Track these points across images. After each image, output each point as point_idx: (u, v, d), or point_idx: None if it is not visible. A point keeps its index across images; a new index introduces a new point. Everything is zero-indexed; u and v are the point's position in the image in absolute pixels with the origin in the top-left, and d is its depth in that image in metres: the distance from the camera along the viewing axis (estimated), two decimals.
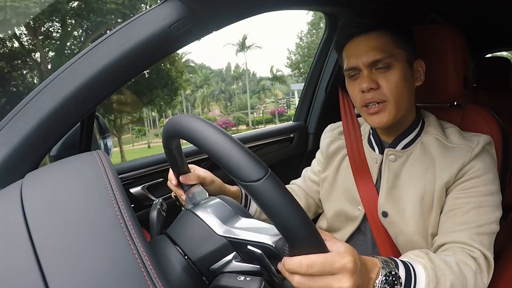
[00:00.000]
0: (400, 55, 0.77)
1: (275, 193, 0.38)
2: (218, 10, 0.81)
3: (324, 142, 1.02)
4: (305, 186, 1.05)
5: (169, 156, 0.63)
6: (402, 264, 0.56)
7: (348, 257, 0.43)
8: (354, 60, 0.78)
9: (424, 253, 0.61)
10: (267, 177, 0.38)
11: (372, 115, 0.79)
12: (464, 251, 0.67)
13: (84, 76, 0.70)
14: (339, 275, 0.43)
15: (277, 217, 0.39)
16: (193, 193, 0.70)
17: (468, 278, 0.62)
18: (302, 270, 0.42)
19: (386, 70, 0.76)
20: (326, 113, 1.53)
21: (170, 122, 0.50)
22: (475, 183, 0.73)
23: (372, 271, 0.51)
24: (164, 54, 0.78)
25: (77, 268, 0.35)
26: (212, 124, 0.43)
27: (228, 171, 0.39)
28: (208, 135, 0.41)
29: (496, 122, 0.90)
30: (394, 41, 0.76)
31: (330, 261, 0.42)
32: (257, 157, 0.40)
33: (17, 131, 0.68)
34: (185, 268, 0.49)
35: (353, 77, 0.81)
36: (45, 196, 0.46)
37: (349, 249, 0.45)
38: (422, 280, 0.55)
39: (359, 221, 0.88)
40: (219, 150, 0.40)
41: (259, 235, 0.49)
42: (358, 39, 0.78)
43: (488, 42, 2.17)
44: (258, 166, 0.38)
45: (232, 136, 0.41)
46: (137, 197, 1.06)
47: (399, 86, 0.76)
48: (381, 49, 0.75)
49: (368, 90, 0.76)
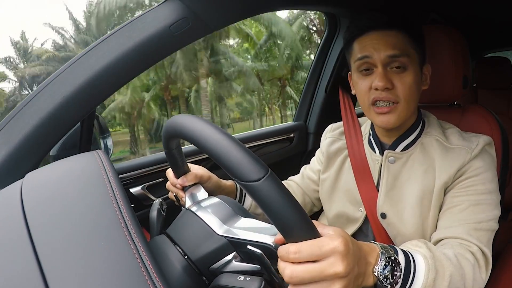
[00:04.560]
0: (415, 57, 0.76)
1: (275, 193, 0.38)
2: (218, 10, 0.81)
3: (324, 143, 1.02)
4: (303, 184, 1.04)
5: (169, 156, 0.63)
6: (402, 252, 0.54)
7: (338, 239, 0.41)
8: (369, 51, 0.75)
9: (423, 243, 0.61)
10: (267, 177, 0.38)
11: (380, 115, 0.77)
12: (462, 246, 0.67)
13: (84, 76, 0.70)
14: (331, 259, 0.40)
15: (276, 216, 0.38)
16: (193, 193, 0.70)
17: (466, 271, 0.61)
18: (290, 257, 0.40)
19: (401, 71, 0.74)
20: (326, 113, 1.53)
21: (170, 122, 0.50)
22: (473, 182, 0.73)
23: (369, 254, 0.48)
24: (164, 54, 0.78)
25: (77, 267, 0.35)
26: (212, 123, 0.43)
27: (228, 171, 0.39)
28: (208, 134, 0.41)
29: (496, 122, 0.90)
30: (410, 42, 0.75)
31: (318, 243, 0.40)
32: (257, 156, 0.40)
33: (17, 131, 0.68)
34: (185, 268, 0.49)
35: (365, 72, 0.77)
36: (45, 196, 0.46)
37: (339, 231, 0.43)
38: (421, 268, 0.54)
39: (360, 223, 0.88)
40: (219, 150, 0.40)
41: (259, 235, 0.49)
42: (375, 34, 0.75)
43: (488, 42, 2.17)
44: (258, 166, 0.38)
45: (232, 136, 0.41)
46: (137, 197, 1.06)
47: (411, 88, 0.75)
48: (399, 47, 0.73)
49: (384, 89, 0.74)
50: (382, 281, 0.48)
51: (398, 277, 0.50)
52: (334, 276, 0.40)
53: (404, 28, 0.75)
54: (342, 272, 0.40)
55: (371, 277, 0.48)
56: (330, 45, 1.46)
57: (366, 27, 0.76)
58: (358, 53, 0.77)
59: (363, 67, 0.77)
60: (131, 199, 1.05)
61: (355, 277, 0.44)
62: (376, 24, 0.75)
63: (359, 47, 0.77)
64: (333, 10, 1.32)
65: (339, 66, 1.45)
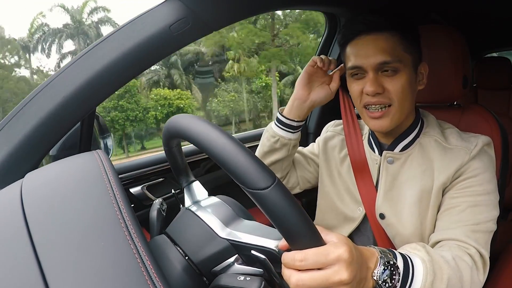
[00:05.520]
0: (408, 59, 0.75)
1: (282, 202, 0.38)
2: (218, 10, 0.81)
3: (324, 135, 1.02)
4: (295, 156, 1.03)
5: (168, 154, 0.62)
6: (400, 256, 0.55)
7: (343, 247, 0.42)
8: (360, 60, 0.75)
9: (421, 246, 0.61)
10: (274, 185, 0.38)
11: (373, 119, 0.77)
12: (459, 248, 0.67)
13: (84, 76, 0.70)
14: (336, 266, 0.42)
15: (283, 225, 0.39)
16: (193, 191, 0.69)
17: (464, 273, 0.62)
18: (296, 264, 0.41)
19: (393, 74, 0.74)
20: (326, 113, 1.53)
21: (173, 122, 0.49)
22: (471, 183, 0.73)
23: (369, 260, 0.50)
24: (164, 54, 0.78)
25: (77, 267, 0.35)
26: (217, 126, 0.42)
27: (235, 177, 0.39)
28: (213, 139, 0.41)
29: (496, 122, 0.90)
30: (403, 44, 0.74)
31: (323, 251, 0.41)
32: (264, 164, 0.40)
33: (17, 131, 0.68)
34: (185, 268, 0.49)
35: (356, 76, 0.78)
36: (45, 196, 0.46)
37: (343, 239, 0.44)
38: (419, 272, 0.55)
39: (358, 222, 0.88)
40: (225, 155, 0.39)
41: (262, 239, 0.49)
42: (366, 37, 0.74)
43: (488, 42, 2.17)
44: (266, 174, 0.38)
45: (238, 141, 0.41)
46: (137, 197, 1.06)
47: (404, 91, 0.74)
48: (389, 52, 0.73)
49: (374, 94, 0.74)
50: (381, 285, 0.49)
51: (396, 281, 0.51)
52: (339, 284, 0.42)
53: (397, 30, 0.74)
54: (347, 280, 0.42)
55: (371, 281, 0.49)
56: (330, 45, 1.46)
57: (357, 31, 0.76)
58: (350, 61, 0.78)
59: (355, 72, 0.78)
60: (131, 199, 1.05)
61: (357, 283, 0.45)
62: (368, 28, 0.74)
63: (351, 52, 0.77)
64: (333, 10, 1.32)
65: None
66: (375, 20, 0.74)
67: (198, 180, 0.71)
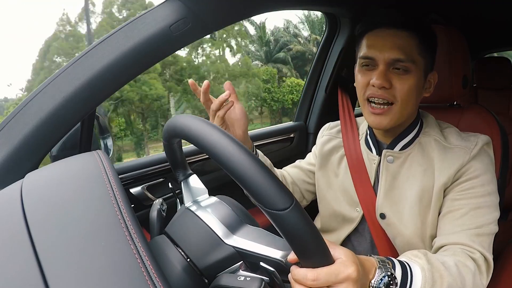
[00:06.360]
0: (421, 63, 0.75)
1: (300, 224, 0.38)
2: (218, 10, 0.81)
3: (320, 140, 1.01)
4: (294, 173, 1.03)
5: (168, 149, 0.61)
6: (399, 264, 0.56)
7: (352, 267, 0.45)
8: (374, 52, 0.74)
9: (423, 254, 0.61)
10: (293, 207, 0.38)
11: (373, 115, 0.77)
12: (464, 252, 0.67)
13: (84, 76, 0.70)
14: (344, 285, 0.44)
15: (298, 245, 0.40)
16: (192, 189, 0.68)
17: (466, 279, 0.62)
18: (308, 283, 0.43)
19: (403, 73, 0.74)
20: (326, 113, 1.53)
21: (179, 123, 0.47)
22: (472, 184, 0.73)
23: (370, 271, 0.51)
24: (164, 54, 0.78)
25: (77, 268, 0.35)
26: (233, 138, 0.41)
27: (253, 196, 0.39)
28: (231, 153, 0.39)
29: (496, 122, 0.90)
30: (420, 47, 0.74)
31: (334, 271, 0.43)
32: (283, 184, 0.39)
33: (17, 131, 0.68)
34: (185, 268, 0.49)
35: (367, 67, 0.77)
36: (45, 196, 0.46)
37: (351, 257, 0.46)
38: (418, 280, 0.56)
39: (357, 223, 0.88)
40: (244, 173, 0.38)
41: (269, 249, 0.49)
42: (386, 31, 0.74)
43: (488, 42, 2.17)
44: (284, 195, 0.38)
45: (256, 158, 0.40)
46: (137, 197, 1.06)
47: (410, 92, 0.74)
48: (405, 51, 0.73)
49: (380, 87, 0.74)
50: None
51: None
52: None
53: (417, 33, 0.74)
54: None
55: None
56: (330, 45, 1.46)
57: (379, 23, 0.76)
58: (363, 51, 0.77)
59: (366, 63, 0.77)
60: (131, 199, 1.05)
61: None
62: (390, 22, 0.74)
63: (367, 42, 0.77)
64: (333, 10, 1.32)
65: (339, 66, 1.45)
66: (398, 17, 0.74)
67: None
